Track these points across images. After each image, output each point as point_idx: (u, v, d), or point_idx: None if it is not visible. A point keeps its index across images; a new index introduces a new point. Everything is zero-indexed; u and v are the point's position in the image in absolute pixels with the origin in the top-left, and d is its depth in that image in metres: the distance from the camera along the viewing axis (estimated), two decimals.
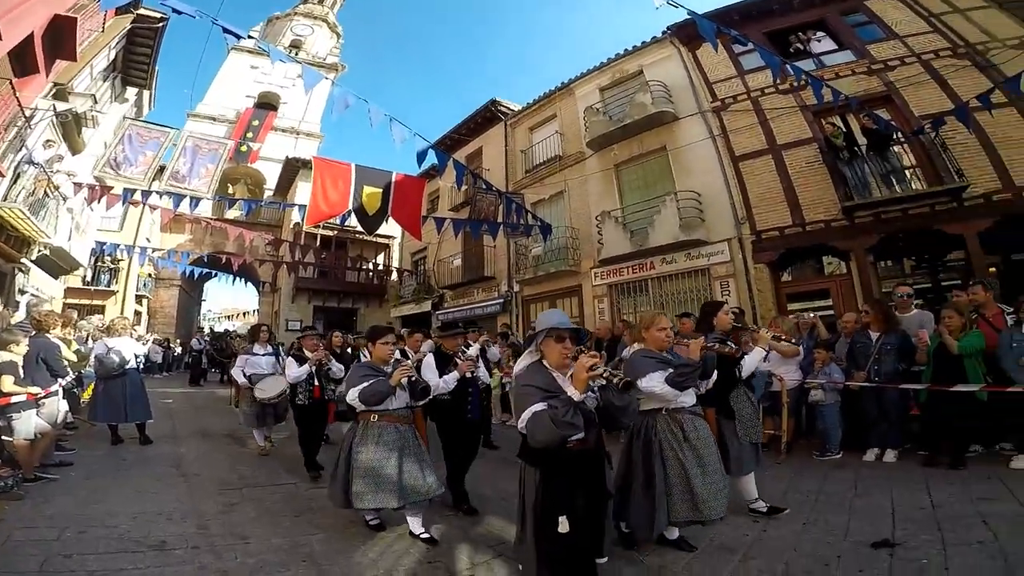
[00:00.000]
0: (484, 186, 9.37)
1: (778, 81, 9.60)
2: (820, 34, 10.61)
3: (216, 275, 17.82)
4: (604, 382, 2.23)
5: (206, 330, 20.53)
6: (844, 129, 9.39)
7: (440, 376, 3.90)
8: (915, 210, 8.46)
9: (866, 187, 8.73)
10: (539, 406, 2.14)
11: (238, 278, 16.53)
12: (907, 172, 8.76)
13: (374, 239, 20.94)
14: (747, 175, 10.06)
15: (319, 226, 15.71)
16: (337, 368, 5.29)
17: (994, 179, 8.11)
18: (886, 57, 9.54)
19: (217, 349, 15.66)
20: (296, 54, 27.98)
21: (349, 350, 6.83)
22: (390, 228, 15.43)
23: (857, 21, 10.37)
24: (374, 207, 8.00)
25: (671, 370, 2.90)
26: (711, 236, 10.18)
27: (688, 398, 3.04)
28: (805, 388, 5.53)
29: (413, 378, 3.41)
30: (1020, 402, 4.12)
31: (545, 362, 2.37)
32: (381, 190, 8.05)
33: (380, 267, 22.25)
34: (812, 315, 6.62)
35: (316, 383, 5.13)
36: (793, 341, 5.32)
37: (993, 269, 8.85)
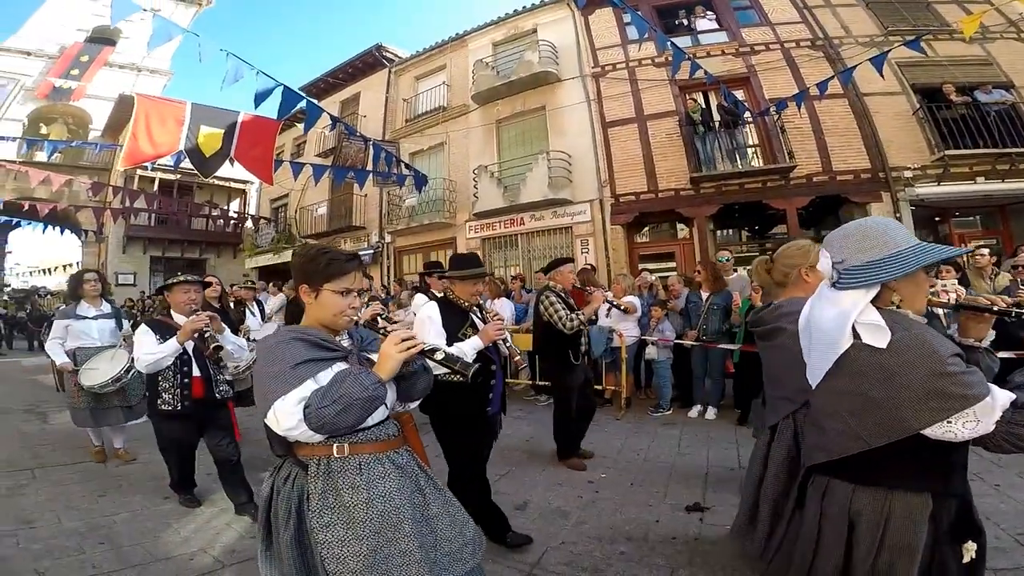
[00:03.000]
0: (347, 131, 8.73)
1: (659, 55, 10.03)
2: (710, 13, 11.18)
3: (18, 223, 14.79)
4: None
5: (9, 287, 17.13)
6: (703, 106, 10.19)
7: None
8: (750, 185, 9.53)
9: (712, 161, 9.62)
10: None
11: (51, 226, 13.85)
12: (749, 150, 9.81)
13: (226, 184, 18.88)
14: (614, 141, 10.57)
15: (147, 167, 13.61)
16: (235, 344, 3.11)
17: (817, 162, 9.34)
18: (754, 41, 10.40)
19: (28, 313, 13.15)
20: None
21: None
22: (248, 173, 13.96)
23: (740, 4, 11.08)
24: (213, 148, 7.09)
25: None
26: (576, 196, 10.66)
27: None
28: (644, 344, 5.77)
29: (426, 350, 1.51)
30: None
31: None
32: (223, 131, 7.16)
33: (233, 214, 20.13)
34: (653, 276, 7.17)
35: (197, 372, 3.01)
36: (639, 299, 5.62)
37: None
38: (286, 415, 1.28)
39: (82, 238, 19.47)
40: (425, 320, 2.56)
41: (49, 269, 21.00)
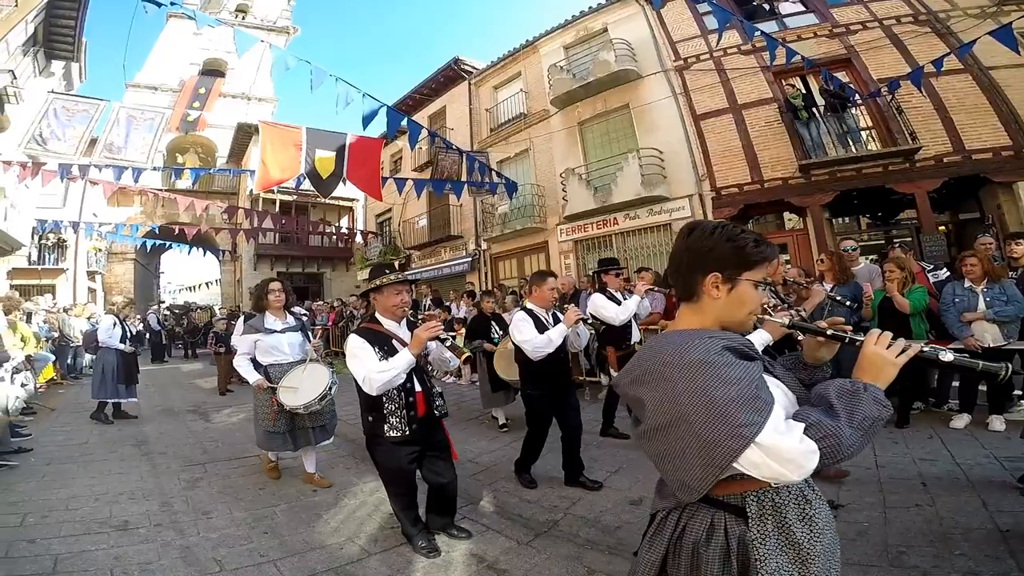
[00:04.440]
0: (444, 145, 9.16)
1: (744, 43, 9.60)
2: None
3: (171, 246, 17.17)
4: None
5: (165, 304, 19.91)
6: (803, 91, 9.56)
7: None
8: (869, 169, 8.78)
9: (822, 147, 9.03)
10: None
11: (195, 248, 16.01)
12: (863, 133, 9.09)
13: (336, 202, 20.44)
14: (708, 133, 10.16)
15: (274, 191, 15.15)
16: (450, 355, 2.81)
17: (945, 142, 8.44)
18: (848, 21, 9.68)
19: (184, 326, 15.35)
20: (243, 18, 26.06)
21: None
22: (353, 191, 15.09)
23: None
24: (328, 170, 7.73)
25: None
26: (673, 192, 10.35)
27: None
28: None
29: None
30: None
31: None
32: (334, 153, 7.78)
33: (344, 230, 21.84)
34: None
35: (418, 387, 2.64)
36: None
37: (943, 228, 9.33)
38: (801, 455, 0.94)
39: (219, 257, 22.16)
40: None
41: (194, 286, 24.14)
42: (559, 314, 3.61)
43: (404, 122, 7.52)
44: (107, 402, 6.23)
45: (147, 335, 14.72)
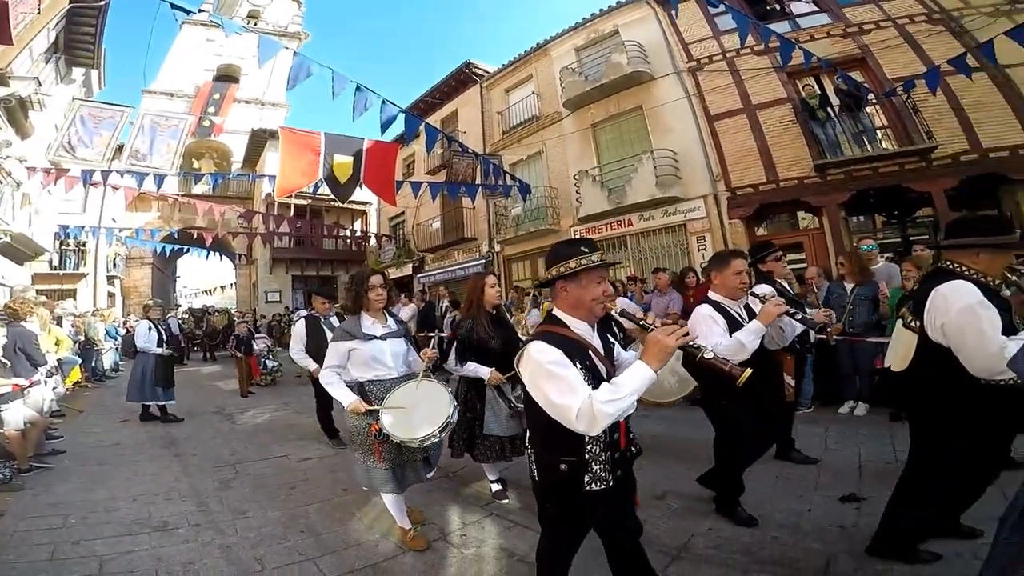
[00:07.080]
0: (460, 149, 9.23)
1: (757, 44, 9.59)
2: None
3: (188, 251, 17.41)
4: None
5: (182, 308, 20.24)
6: (819, 91, 9.54)
7: None
8: (885, 168, 8.78)
9: (838, 146, 9.04)
10: None
11: (212, 252, 16.25)
12: (878, 132, 9.09)
13: (350, 206, 20.63)
14: (722, 134, 10.17)
15: (291, 196, 15.37)
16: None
17: (962, 141, 8.41)
18: (861, 21, 9.67)
19: (203, 329, 15.60)
20: (255, 24, 26.39)
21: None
22: (366, 194, 15.25)
23: None
24: (345, 175, 7.78)
25: None
26: (687, 193, 10.36)
27: None
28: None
29: None
30: None
31: None
32: (352, 158, 7.83)
33: (358, 233, 22.02)
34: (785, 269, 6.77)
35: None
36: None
37: None
38: None
39: (235, 261, 22.46)
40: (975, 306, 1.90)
41: (211, 290, 24.47)
42: (751, 306, 2.87)
43: (422, 127, 7.60)
44: (149, 404, 6.39)
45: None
